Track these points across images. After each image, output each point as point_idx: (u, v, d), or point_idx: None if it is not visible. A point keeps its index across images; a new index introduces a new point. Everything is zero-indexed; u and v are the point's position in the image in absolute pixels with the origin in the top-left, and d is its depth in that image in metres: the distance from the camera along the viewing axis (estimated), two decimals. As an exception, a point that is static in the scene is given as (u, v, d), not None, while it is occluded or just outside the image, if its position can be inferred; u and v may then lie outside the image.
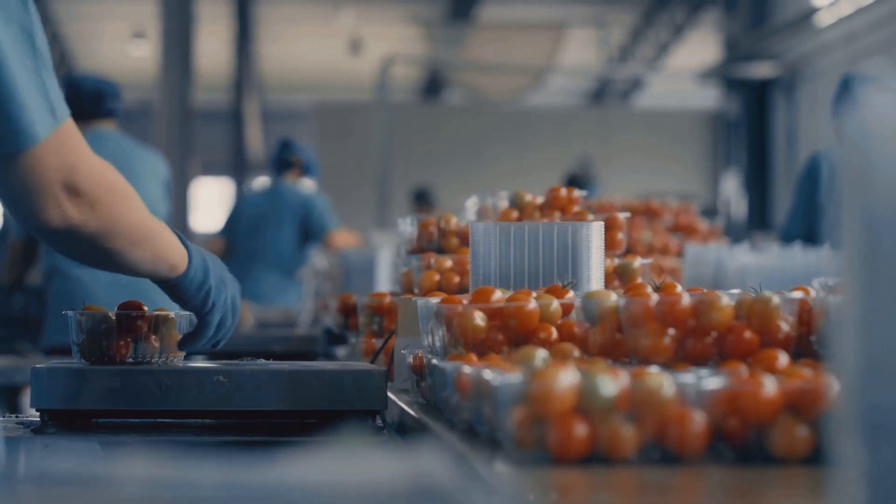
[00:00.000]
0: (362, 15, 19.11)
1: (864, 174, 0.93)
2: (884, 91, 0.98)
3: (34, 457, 2.29)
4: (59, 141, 1.98)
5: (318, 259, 7.30)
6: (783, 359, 1.87)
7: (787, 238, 5.82)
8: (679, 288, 2.22)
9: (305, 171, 8.61)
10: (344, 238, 8.32)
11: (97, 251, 2.10)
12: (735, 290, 2.13)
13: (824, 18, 13.77)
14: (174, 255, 2.27)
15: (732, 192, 16.36)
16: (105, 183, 2.05)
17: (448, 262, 3.16)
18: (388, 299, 3.31)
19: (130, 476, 1.02)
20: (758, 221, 15.32)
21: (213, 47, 18.51)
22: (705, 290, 2.11)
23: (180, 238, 2.31)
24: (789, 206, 6.29)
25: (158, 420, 2.47)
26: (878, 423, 0.98)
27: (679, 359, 1.98)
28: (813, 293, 2.14)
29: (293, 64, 22.40)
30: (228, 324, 2.42)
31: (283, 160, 8.52)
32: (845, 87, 5.97)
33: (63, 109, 1.99)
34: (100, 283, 5.65)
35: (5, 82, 1.91)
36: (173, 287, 2.31)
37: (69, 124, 2.01)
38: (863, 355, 0.97)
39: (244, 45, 18.74)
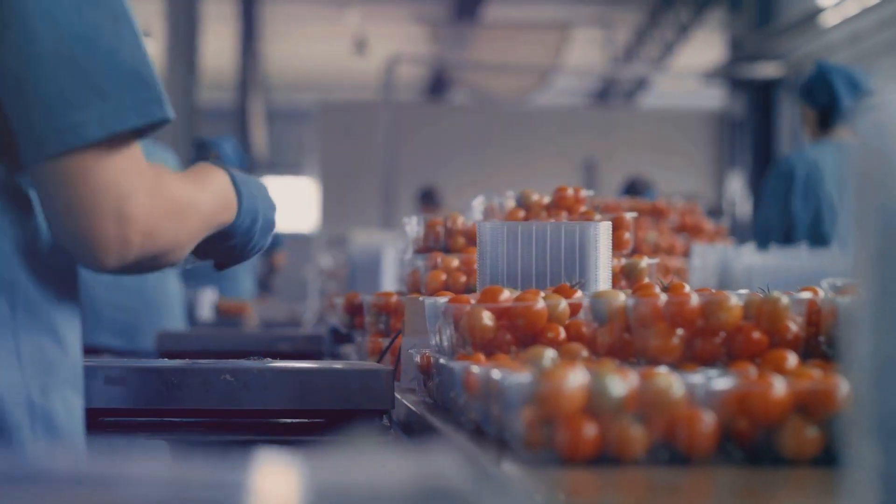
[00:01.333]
0: (367, 14, 19.11)
1: (880, 174, 0.92)
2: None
3: (40, 456, 2.29)
4: (114, 154, 1.76)
5: (323, 258, 7.31)
6: (792, 359, 1.87)
7: (763, 242, 5.75)
8: (687, 288, 2.22)
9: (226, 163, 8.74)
10: (284, 259, 8.92)
11: (156, 265, 1.89)
12: (743, 291, 2.12)
13: (829, 19, 13.75)
14: (226, 208, 2.04)
15: (738, 192, 16.35)
16: (162, 206, 1.82)
17: (455, 262, 3.15)
18: (394, 298, 3.31)
19: (137, 475, 1.02)
20: (763, 222, 15.27)
21: (218, 46, 18.51)
22: (713, 291, 2.11)
23: (233, 180, 2.08)
24: (762, 210, 6.21)
25: (165, 419, 2.47)
26: (891, 425, 0.97)
27: (688, 359, 1.98)
28: (821, 293, 2.13)
29: (298, 63, 22.40)
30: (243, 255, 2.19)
31: (202, 160, 8.63)
32: (818, 77, 5.94)
33: (135, 117, 1.77)
34: (101, 282, 5.66)
35: (45, 75, 1.73)
36: (219, 235, 2.08)
37: (133, 143, 1.79)
38: (877, 356, 0.97)
39: (249, 45, 18.75)
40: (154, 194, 1.81)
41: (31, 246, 1.85)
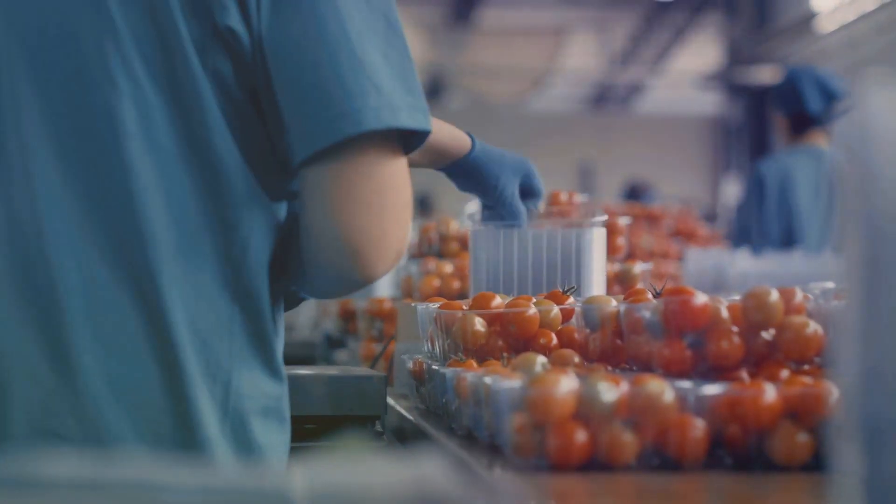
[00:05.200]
0: (364, 19, 19.10)
1: (865, 180, 0.93)
2: (883, 96, 0.98)
3: (35, 460, 2.29)
4: (394, 153, 1.72)
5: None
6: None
7: (737, 246, 5.74)
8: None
9: None
10: None
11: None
12: (737, 296, 2.12)
13: (826, 24, 13.77)
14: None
15: (733, 196, 16.36)
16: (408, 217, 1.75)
17: (448, 267, 3.16)
18: (387, 304, 3.31)
19: (129, 481, 1.02)
20: (758, 226, 15.27)
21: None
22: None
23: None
24: (737, 215, 6.19)
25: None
26: (878, 431, 0.97)
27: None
28: (812, 299, 2.13)
29: (294, 68, 22.38)
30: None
31: None
32: (787, 83, 5.94)
33: (415, 119, 1.72)
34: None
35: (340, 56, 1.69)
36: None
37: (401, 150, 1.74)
38: (864, 362, 0.97)
39: (245, 49, 18.73)
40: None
41: (267, 271, 1.79)
